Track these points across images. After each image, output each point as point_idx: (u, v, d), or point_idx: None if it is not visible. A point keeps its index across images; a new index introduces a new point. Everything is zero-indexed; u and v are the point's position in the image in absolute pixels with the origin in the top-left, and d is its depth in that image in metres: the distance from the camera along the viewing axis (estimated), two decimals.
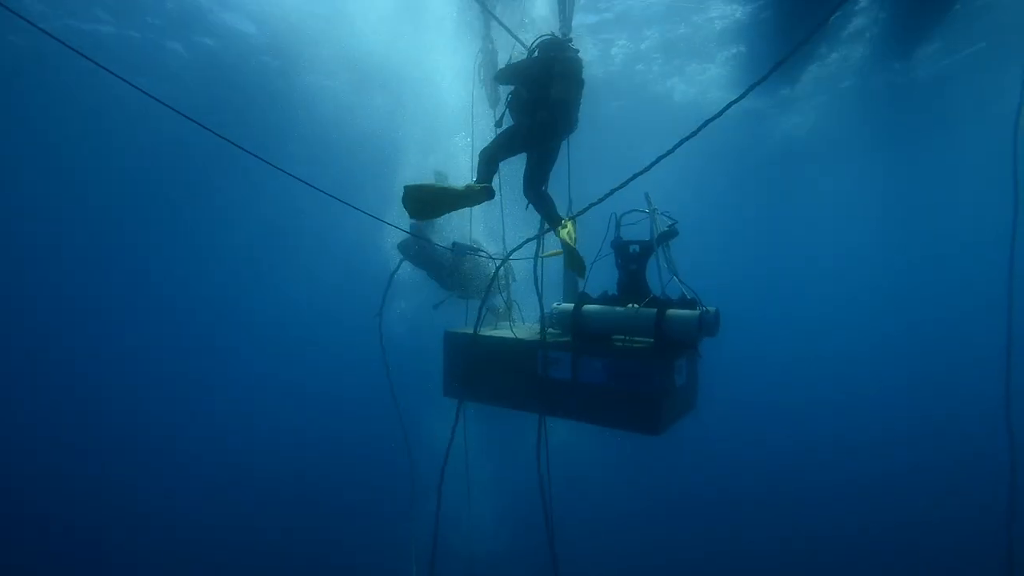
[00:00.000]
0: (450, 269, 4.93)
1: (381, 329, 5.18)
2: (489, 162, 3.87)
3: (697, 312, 3.30)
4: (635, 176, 3.38)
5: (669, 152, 3.21)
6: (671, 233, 3.65)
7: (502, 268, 4.83)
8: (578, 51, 4.03)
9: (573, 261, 3.66)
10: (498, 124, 4.10)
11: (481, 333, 4.16)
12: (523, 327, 4.38)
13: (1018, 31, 10.54)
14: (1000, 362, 3.56)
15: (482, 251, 4.88)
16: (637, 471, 11.06)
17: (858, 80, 13.07)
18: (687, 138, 3.13)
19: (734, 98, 2.97)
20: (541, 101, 3.78)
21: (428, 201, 3.64)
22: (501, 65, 4.44)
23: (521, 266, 4.69)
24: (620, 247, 3.80)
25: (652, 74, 13.70)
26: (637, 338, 3.66)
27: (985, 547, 4.71)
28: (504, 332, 4.14)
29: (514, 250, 4.17)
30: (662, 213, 3.70)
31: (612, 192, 3.45)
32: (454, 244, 4.82)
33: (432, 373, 4.32)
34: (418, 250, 5.16)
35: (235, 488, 12.48)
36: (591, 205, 3.75)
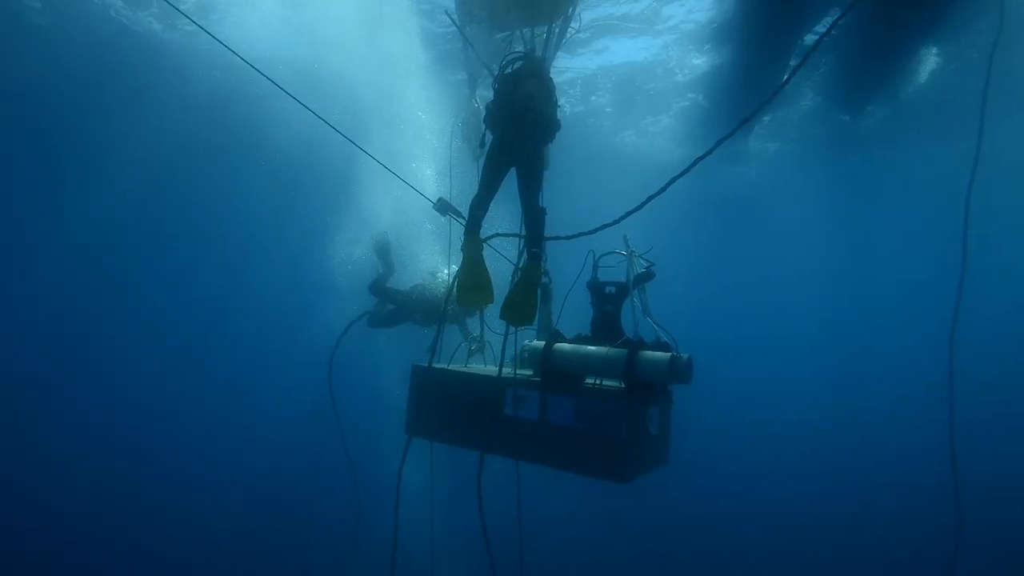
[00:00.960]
0: (421, 301, 4.93)
1: (331, 378, 5.09)
2: (478, 208, 3.78)
3: (668, 355, 3.22)
4: (604, 226, 3.55)
5: (639, 207, 3.39)
6: (647, 275, 3.62)
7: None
8: (543, 58, 4.12)
9: (523, 304, 3.57)
10: (481, 144, 4.11)
11: (450, 368, 4.06)
12: (493, 367, 4.27)
13: (969, 94, 11.04)
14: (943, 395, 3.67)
15: (463, 217, 4.80)
16: (601, 519, 10.88)
17: (806, 129, 13.54)
18: (656, 194, 3.31)
19: (701, 154, 3.09)
20: (510, 102, 3.82)
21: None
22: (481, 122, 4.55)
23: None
24: (596, 288, 3.75)
25: (604, 130, 13.91)
26: (608, 382, 3.56)
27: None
28: (474, 368, 4.03)
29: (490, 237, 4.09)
30: (639, 256, 3.67)
31: (578, 235, 3.64)
32: (439, 200, 4.77)
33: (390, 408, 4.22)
34: (388, 312, 5.19)
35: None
36: (554, 237, 3.83)
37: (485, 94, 5.12)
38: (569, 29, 5.08)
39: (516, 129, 3.80)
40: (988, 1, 7.76)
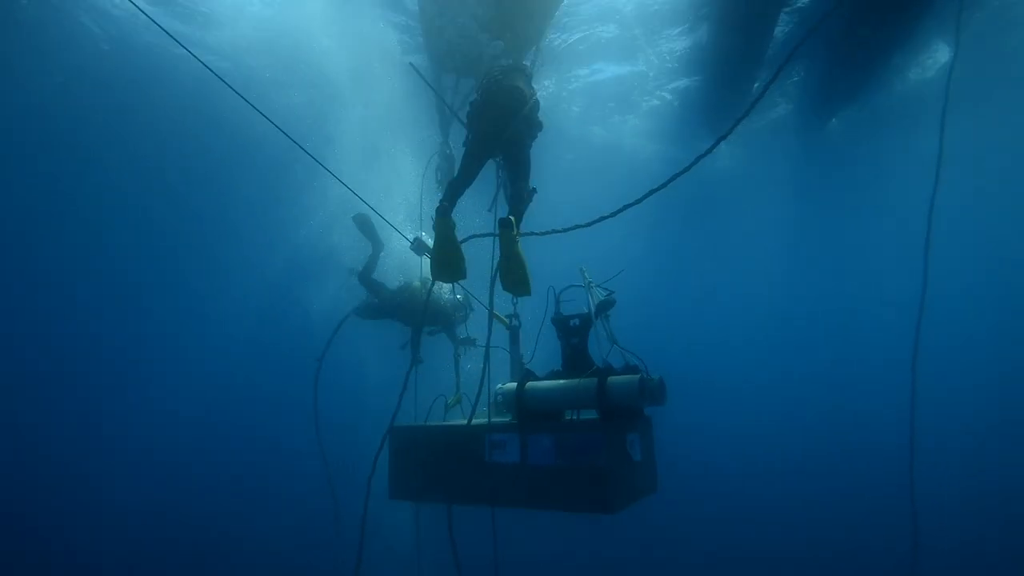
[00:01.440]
0: (408, 303, 4.92)
1: (318, 375, 4.99)
2: (453, 192, 3.92)
3: (638, 377, 3.23)
4: (602, 219, 3.67)
5: (637, 202, 3.53)
6: (608, 303, 3.66)
7: (460, 297, 4.88)
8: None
9: (514, 273, 3.57)
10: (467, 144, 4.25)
11: (426, 425, 4.01)
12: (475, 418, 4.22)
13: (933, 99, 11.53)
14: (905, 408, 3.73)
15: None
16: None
17: (778, 131, 13.89)
18: (656, 190, 3.45)
19: (702, 152, 3.32)
20: (496, 94, 4.03)
21: (444, 260, 3.69)
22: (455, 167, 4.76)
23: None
24: (560, 322, 3.78)
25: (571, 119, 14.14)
26: (584, 414, 3.54)
27: None
28: (452, 422, 3.98)
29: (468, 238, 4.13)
30: (597, 285, 3.73)
31: (573, 228, 3.80)
32: (415, 239, 4.86)
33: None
34: (377, 305, 5.18)
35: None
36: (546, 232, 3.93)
37: (456, 140, 5.31)
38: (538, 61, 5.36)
39: (499, 117, 3.99)
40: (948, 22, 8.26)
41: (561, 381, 3.52)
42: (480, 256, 3.95)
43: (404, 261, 5.42)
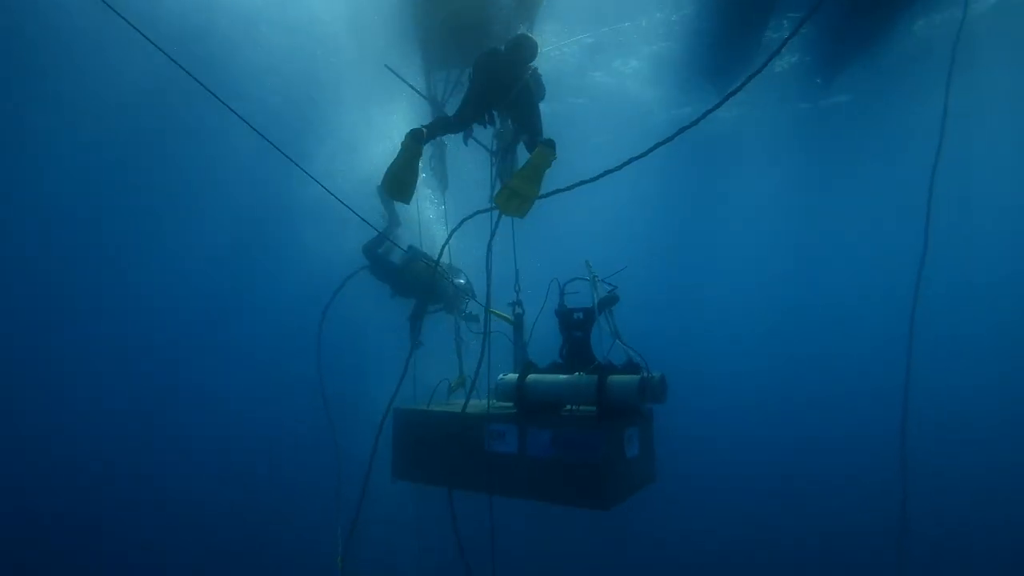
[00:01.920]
0: (411, 277, 4.91)
1: (321, 328, 5.05)
2: (445, 124, 3.96)
3: (638, 377, 3.23)
4: (605, 173, 3.58)
5: (643, 154, 3.42)
6: (611, 299, 3.64)
7: (461, 282, 4.87)
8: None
9: (521, 189, 3.52)
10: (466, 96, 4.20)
11: (430, 409, 4.06)
12: (476, 403, 4.28)
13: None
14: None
15: (433, 260, 4.83)
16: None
17: (780, 92, 13.48)
18: (663, 142, 3.36)
19: (711, 107, 3.25)
20: (500, 55, 4.01)
21: (397, 179, 3.69)
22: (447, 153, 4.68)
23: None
24: (564, 315, 3.77)
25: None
26: (584, 407, 3.57)
27: None
28: (453, 407, 4.03)
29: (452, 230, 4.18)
30: (602, 280, 3.70)
31: (579, 184, 3.71)
32: (410, 247, 4.90)
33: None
34: (383, 253, 5.16)
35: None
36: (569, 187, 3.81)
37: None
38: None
39: (497, 85, 3.95)
40: None
41: (562, 376, 3.54)
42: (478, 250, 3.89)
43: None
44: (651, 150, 3.40)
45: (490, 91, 3.99)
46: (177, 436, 14.10)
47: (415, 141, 3.72)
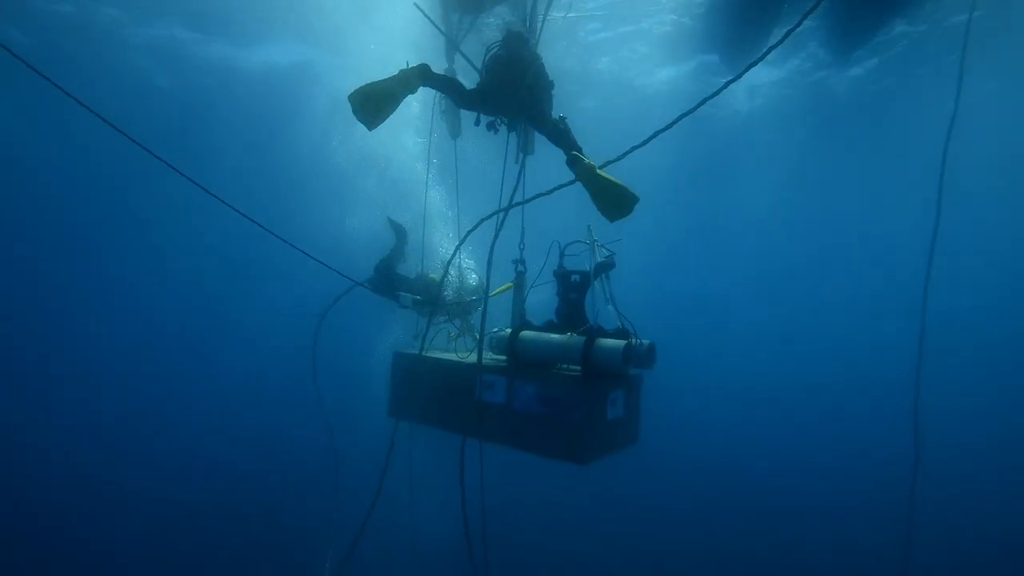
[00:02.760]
0: (423, 289, 4.92)
1: (318, 331, 5.13)
2: (452, 91, 3.83)
3: (623, 343, 3.34)
4: (633, 149, 3.38)
5: (668, 127, 3.24)
6: (607, 264, 3.71)
7: (475, 277, 4.96)
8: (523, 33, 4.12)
9: (613, 196, 3.44)
10: (476, 123, 4.12)
11: (427, 355, 4.24)
12: (470, 352, 4.45)
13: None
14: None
15: (418, 298, 4.88)
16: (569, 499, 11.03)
17: (796, 73, 13.02)
18: (685, 114, 3.18)
19: (730, 79, 3.11)
20: (492, 70, 3.86)
21: (373, 99, 3.52)
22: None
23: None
24: (562, 276, 3.86)
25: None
26: (573, 367, 3.71)
27: None
28: (449, 355, 4.21)
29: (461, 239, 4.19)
30: (601, 245, 3.76)
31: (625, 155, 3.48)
32: (399, 296, 4.84)
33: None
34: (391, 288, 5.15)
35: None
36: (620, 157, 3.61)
37: (461, 66, 5.12)
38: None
39: (501, 91, 3.83)
40: None
41: (554, 336, 3.66)
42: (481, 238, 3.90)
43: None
44: (675, 122, 3.32)
45: (494, 104, 3.87)
46: (177, 437, 14.21)
47: (418, 75, 3.57)
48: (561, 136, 3.75)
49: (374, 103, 3.51)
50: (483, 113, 3.96)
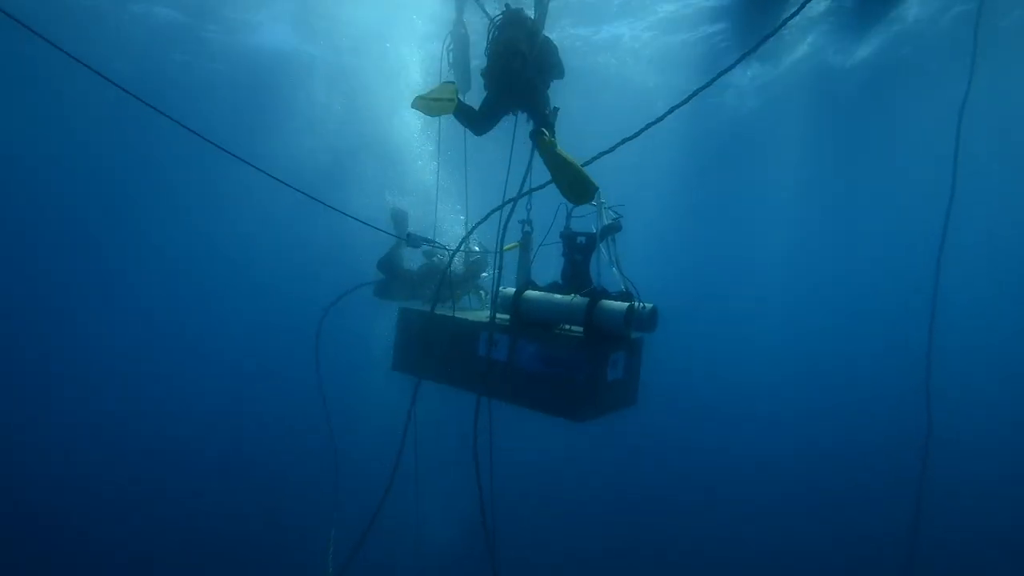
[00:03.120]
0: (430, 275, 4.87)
1: (321, 325, 5.12)
2: (471, 118, 3.97)
3: (626, 305, 3.36)
4: (623, 141, 3.50)
5: (659, 120, 3.35)
6: (614, 227, 3.71)
7: (478, 249, 4.96)
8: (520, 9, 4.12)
9: (567, 176, 3.56)
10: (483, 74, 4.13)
11: (433, 311, 4.28)
12: (475, 311, 4.50)
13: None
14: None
15: (436, 242, 4.90)
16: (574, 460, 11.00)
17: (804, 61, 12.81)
18: (678, 106, 3.26)
19: (725, 68, 3.14)
20: (495, 53, 3.91)
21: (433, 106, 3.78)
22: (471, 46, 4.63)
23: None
24: (568, 237, 3.87)
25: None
26: (576, 327, 3.73)
27: None
28: (455, 311, 4.25)
29: (469, 233, 4.24)
30: (609, 207, 3.75)
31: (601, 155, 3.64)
32: (409, 235, 4.81)
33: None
34: (398, 287, 5.05)
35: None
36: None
37: (471, 19, 5.07)
38: None
39: (503, 79, 3.88)
40: None
41: (557, 296, 3.69)
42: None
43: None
44: (687, 100, 3.30)
45: (501, 96, 3.96)
46: (177, 436, 14.15)
47: (453, 95, 3.79)
48: (542, 119, 3.84)
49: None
50: (504, 114, 4.05)
